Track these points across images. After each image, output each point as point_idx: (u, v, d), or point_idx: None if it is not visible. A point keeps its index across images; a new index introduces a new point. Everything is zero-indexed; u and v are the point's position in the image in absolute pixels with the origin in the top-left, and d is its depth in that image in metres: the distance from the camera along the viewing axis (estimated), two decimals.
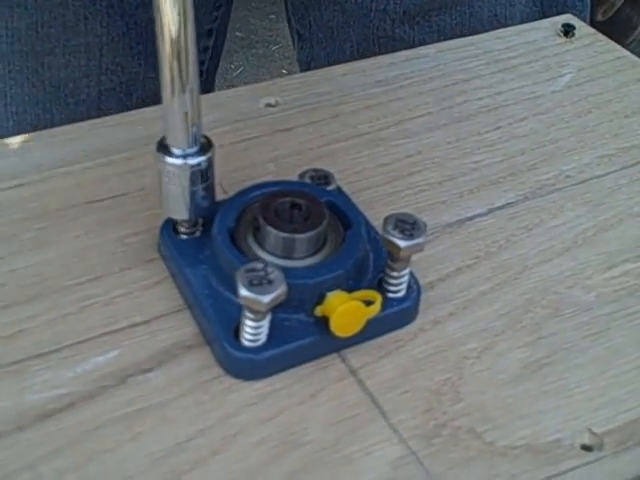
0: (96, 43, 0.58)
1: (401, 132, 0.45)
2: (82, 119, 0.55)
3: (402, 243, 0.31)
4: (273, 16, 2.07)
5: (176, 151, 0.32)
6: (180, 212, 0.33)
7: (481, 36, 0.54)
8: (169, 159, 0.32)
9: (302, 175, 0.37)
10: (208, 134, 0.43)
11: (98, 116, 0.57)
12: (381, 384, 0.32)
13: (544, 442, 0.30)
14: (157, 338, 0.32)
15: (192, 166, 0.32)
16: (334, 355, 0.32)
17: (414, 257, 0.34)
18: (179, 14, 0.28)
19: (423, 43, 0.60)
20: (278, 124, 0.45)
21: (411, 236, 0.31)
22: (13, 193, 0.38)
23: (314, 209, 0.33)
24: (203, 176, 0.32)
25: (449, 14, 0.61)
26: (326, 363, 0.32)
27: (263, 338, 0.31)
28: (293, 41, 0.69)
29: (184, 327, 0.33)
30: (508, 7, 0.63)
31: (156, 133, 0.33)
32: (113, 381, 0.31)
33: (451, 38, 0.58)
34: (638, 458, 0.30)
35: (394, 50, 0.60)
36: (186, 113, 0.31)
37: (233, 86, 1.88)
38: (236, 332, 0.31)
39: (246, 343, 0.31)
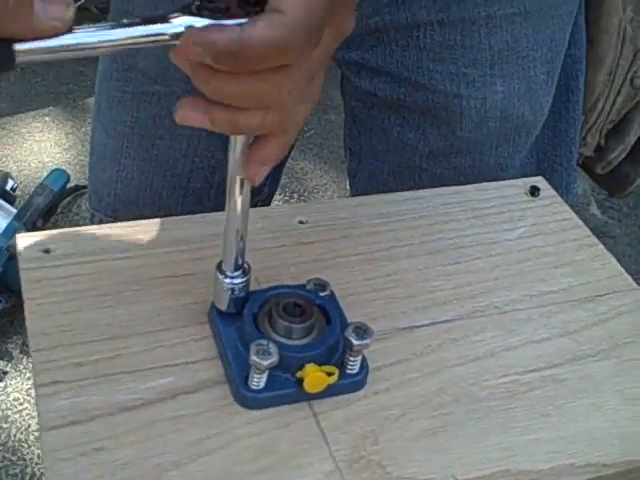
0: (196, 135, 0.79)
1: (388, 256, 0.64)
2: (173, 187, 0.77)
3: (355, 342, 0.50)
4: None
5: (226, 272, 0.52)
6: (223, 306, 0.53)
7: (467, 187, 0.73)
8: (221, 277, 0.52)
9: (308, 281, 0.57)
10: (256, 238, 0.63)
11: (187, 188, 0.79)
12: (331, 425, 0.51)
13: (423, 478, 0.49)
14: (198, 373, 0.52)
15: (235, 284, 0.52)
16: (305, 403, 0.52)
17: (372, 348, 0.53)
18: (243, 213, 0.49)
19: (442, 176, 0.80)
20: (304, 238, 0.64)
21: (362, 338, 0.51)
22: (120, 263, 0.59)
23: (309, 309, 0.53)
24: (242, 289, 0.52)
25: (464, 158, 0.80)
26: (299, 406, 0.51)
27: (262, 384, 0.50)
28: (345, 154, 0.89)
29: (216, 369, 0.52)
30: (509, 159, 0.81)
31: (221, 232, 0.52)
32: (168, 395, 0.50)
33: (464, 176, 0.78)
34: None
35: (420, 176, 0.80)
36: (237, 258, 0.51)
37: (303, 146, 2.09)
38: (246, 378, 0.50)
39: (251, 386, 0.50)
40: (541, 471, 0.50)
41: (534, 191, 0.74)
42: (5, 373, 1.44)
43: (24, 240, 0.59)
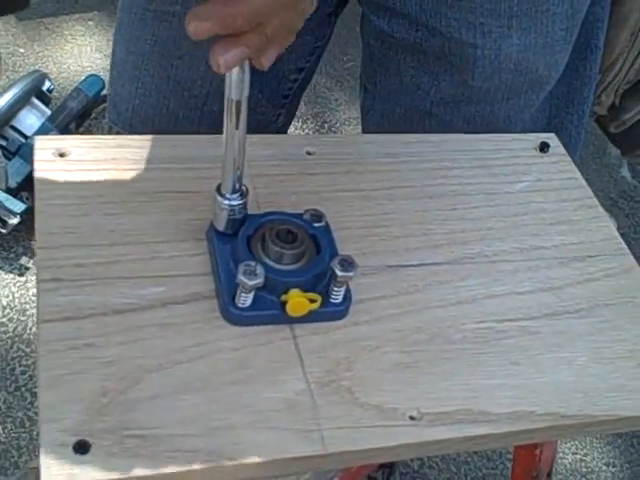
0: None
1: (388, 195, 0.66)
2: (189, 109, 0.78)
3: (339, 273, 0.53)
4: None
5: (225, 194, 0.54)
6: (220, 226, 0.55)
7: (478, 136, 0.75)
8: (219, 198, 0.54)
9: (306, 211, 0.59)
10: (262, 164, 0.65)
11: (202, 110, 0.80)
12: (308, 349, 0.54)
13: (388, 407, 0.52)
14: (190, 286, 0.55)
15: (232, 205, 0.54)
16: (286, 325, 0.55)
17: (358, 281, 0.56)
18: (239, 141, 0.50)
19: (451, 123, 0.81)
20: (309, 168, 0.66)
21: (346, 270, 0.53)
22: (131, 173, 0.61)
23: (301, 237, 0.55)
24: (239, 211, 0.55)
25: (474, 107, 0.81)
26: (280, 328, 0.54)
27: (248, 303, 0.53)
28: (360, 91, 0.90)
29: (207, 284, 0.55)
30: (519, 112, 0.82)
31: None
32: (158, 304, 0.53)
33: (473, 125, 0.79)
34: (440, 432, 0.52)
35: (429, 121, 0.81)
36: (235, 182, 0.53)
37: (341, 77, 2.08)
38: (233, 296, 0.53)
39: (238, 304, 0.53)
40: (501, 414, 0.53)
41: (544, 147, 0.75)
42: (27, 269, 1.49)
43: (42, 142, 0.62)
